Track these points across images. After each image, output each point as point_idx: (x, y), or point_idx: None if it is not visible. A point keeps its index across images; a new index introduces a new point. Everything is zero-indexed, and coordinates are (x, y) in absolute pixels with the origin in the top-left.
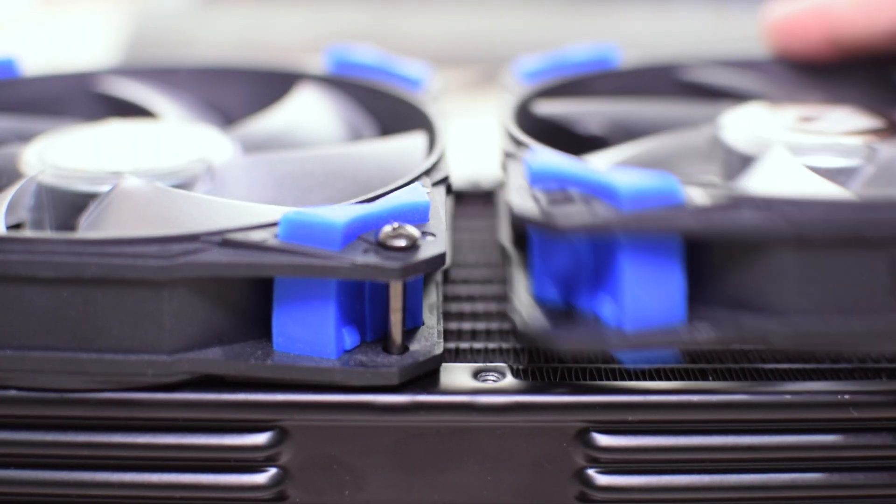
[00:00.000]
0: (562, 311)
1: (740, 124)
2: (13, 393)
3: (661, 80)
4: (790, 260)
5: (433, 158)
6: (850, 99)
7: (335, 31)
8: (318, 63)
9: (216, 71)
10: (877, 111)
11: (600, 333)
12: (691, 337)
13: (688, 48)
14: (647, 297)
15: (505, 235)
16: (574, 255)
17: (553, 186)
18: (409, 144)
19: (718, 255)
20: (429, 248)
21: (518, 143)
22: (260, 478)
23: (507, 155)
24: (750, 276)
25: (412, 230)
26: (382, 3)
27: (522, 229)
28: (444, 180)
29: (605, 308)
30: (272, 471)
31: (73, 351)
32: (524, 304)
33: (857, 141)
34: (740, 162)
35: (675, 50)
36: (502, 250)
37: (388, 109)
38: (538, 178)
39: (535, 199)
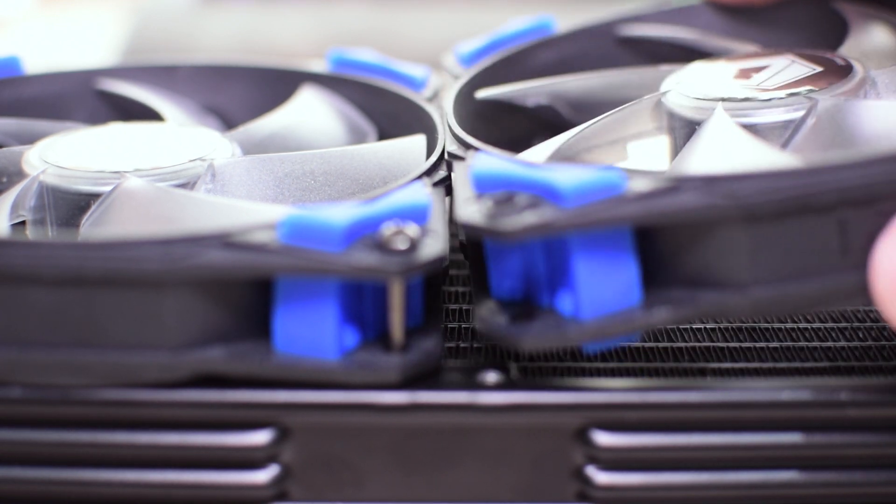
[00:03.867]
0: (520, 309)
1: (681, 88)
2: (17, 390)
3: (599, 41)
4: (738, 235)
5: (433, 158)
6: (788, 40)
7: (335, 33)
8: (318, 64)
9: (217, 69)
10: (814, 55)
11: (559, 327)
12: (648, 320)
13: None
14: (603, 287)
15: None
16: (526, 253)
17: (497, 190)
18: (410, 144)
19: (669, 237)
20: (429, 249)
21: (461, 141)
22: (261, 476)
23: (451, 156)
24: (701, 253)
25: (412, 230)
26: (382, 4)
27: (473, 237)
28: (445, 180)
29: (563, 301)
30: (273, 469)
31: (77, 349)
32: (483, 305)
33: (798, 91)
34: (685, 126)
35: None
36: (462, 247)
37: (388, 109)
38: (482, 184)
39: (480, 206)
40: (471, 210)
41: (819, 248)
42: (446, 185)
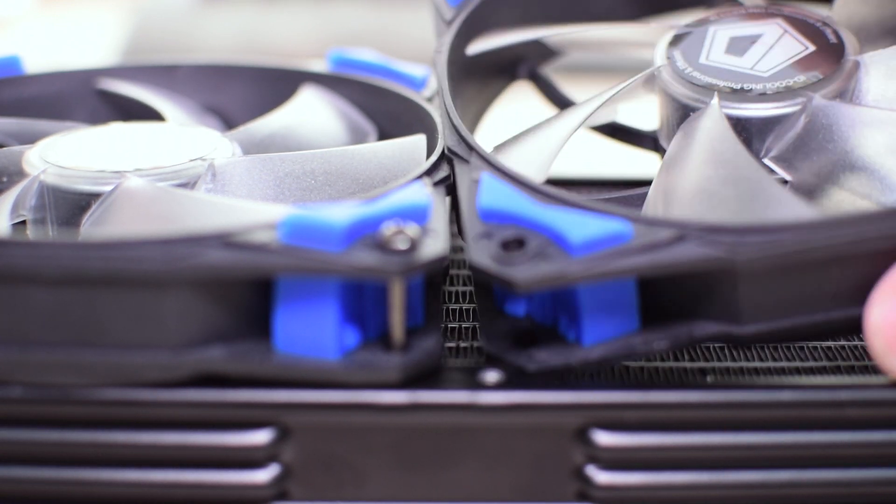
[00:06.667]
0: (524, 328)
1: (674, 65)
2: (18, 390)
3: None
4: (737, 281)
5: (434, 158)
6: None
7: (335, 33)
8: (318, 64)
9: (217, 69)
10: (805, 22)
11: (562, 353)
12: (647, 347)
13: None
14: (605, 318)
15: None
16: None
17: (504, 223)
18: (410, 144)
19: (670, 281)
20: (429, 249)
21: (461, 137)
22: (261, 475)
23: (451, 151)
24: (700, 296)
25: (412, 230)
26: (382, 4)
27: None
28: (445, 180)
29: (566, 326)
30: (273, 468)
31: (77, 349)
32: (488, 324)
33: (791, 81)
34: (678, 110)
35: None
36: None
37: (388, 109)
38: (491, 216)
39: (489, 247)
40: (480, 255)
41: (815, 292)
42: (447, 185)
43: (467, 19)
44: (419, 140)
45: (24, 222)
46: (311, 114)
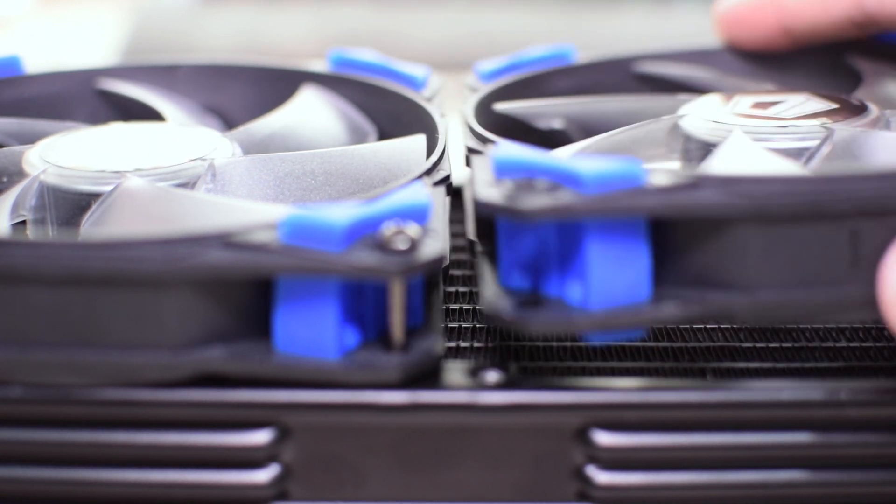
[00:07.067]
0: (528, 296)
1: (699, 113)
2: (17, 390)
3: (616, 74)
4: (752, 236)
5: (434, 158)
6: (803, 85)
7: (335, 33)
8: (318, 64)
9: (217, 69)
10: (830, 94)
11: (567, 314)
12: (656, 315)
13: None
14: (614, 278)
15: (471, 229)
16: (540, 240)
17: (518, 176)
18: (410, 144)
19: (682, 233)
20: (429, 249)
21: (480, 138)
22: (261, 475)
23: (470, 150)
24: (713, 253)
25: (412, 230)
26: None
27: (489, 220)
28: (445, 180)
29: (572, 290)
30: (273, 468)
31: (77, 349)
32: (491, 290)
33: (814, 122)
34: (700, 149)
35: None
36: (470, 245)
37: (388, 109)
38: (503, 169)
39: (500, 189)
40: (490, 191)
41: (829, 257)
42: (447, 185)
43: (494, 91)
44: (419, 140)
45: (24, 222)
46: (311, 114)
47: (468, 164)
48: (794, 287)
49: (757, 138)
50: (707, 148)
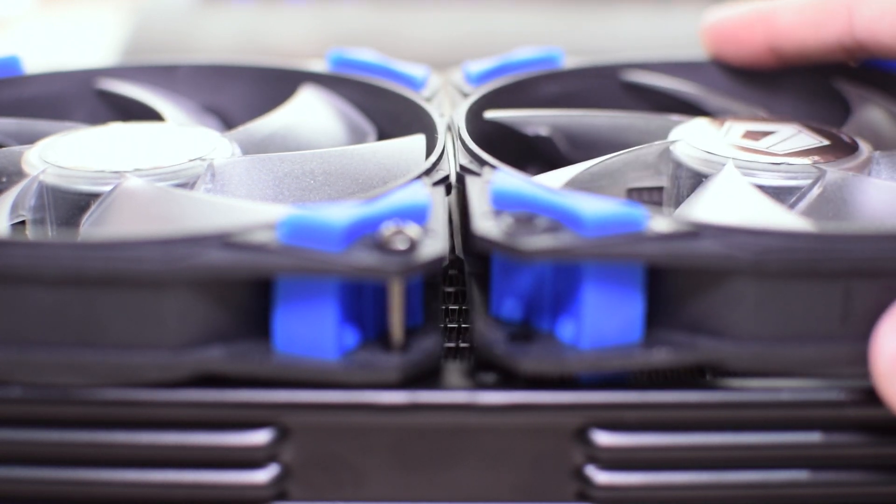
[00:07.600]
0: (520, 331)
1: (690, 139)
2: (17, 390)
3: (603, 81)
4: (747, 287)
5: (433, 158)
6: (788, 106)
7: (335, 33)
8: (318, 64)
9: (217, 69)
10: (821, 128)
11: (558, 354)
12: (647, 359)
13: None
14: (608, 319)
15: (459, 245)
16: (536, 276)
17: (517, 209)
18: (409, 144)
19: (678, 280)
20: (429, 249)
21: (476, 157)
22: (261, 475)
23: (463, 169)
24: (707, 301)
25: (412, 230)
26: (382, 4)
27: (486, 250)
28: (444, 180)
29: (565, 328)
30: (273, 469)
31: (77, 349)
32: (482, 322)
33: (805, 161)
34: (691, 178)
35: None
36: (459, 262)
37: (388, 109)
38: (502, 201)
39: (499, 223)
40: (488, 225)
41: (821, 312)
42: (446, 185)
43: (483, 97)
44: (419, 140)
45: (23, 222)
46: (311, 114)
47: (461, 183)
48: (785, 339)
49: (748, 174)
50: (698, 178)
